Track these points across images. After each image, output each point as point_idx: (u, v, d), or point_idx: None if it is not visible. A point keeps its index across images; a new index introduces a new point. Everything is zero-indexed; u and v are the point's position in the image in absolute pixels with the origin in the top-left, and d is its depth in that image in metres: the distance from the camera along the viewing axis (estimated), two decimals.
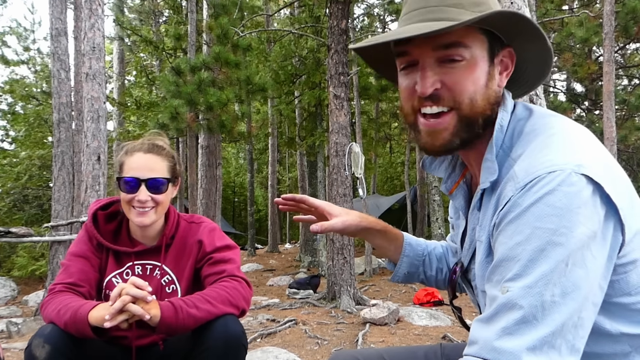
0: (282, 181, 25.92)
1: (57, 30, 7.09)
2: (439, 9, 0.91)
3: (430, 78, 0.92)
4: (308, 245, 13.46)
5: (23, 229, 6.41)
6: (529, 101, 3.54)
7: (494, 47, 0.95)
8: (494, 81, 0.96)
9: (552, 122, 0.94)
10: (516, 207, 0.83)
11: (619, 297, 0.87)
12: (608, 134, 7.96)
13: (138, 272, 1.77)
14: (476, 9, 0.91)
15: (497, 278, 0.84)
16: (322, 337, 4.74)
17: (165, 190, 1.74)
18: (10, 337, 5.10)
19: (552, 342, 0.77)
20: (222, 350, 1.55)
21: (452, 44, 0.91)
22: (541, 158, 0.85)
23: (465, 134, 0.95)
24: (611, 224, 0.82)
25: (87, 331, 1.51)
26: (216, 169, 9.95)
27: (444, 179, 1.14)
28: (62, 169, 6.97)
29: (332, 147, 6.69)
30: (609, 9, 8.18)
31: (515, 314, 0.79)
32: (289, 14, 14.85)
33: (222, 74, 8.17)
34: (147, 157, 1.72)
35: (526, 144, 0.91)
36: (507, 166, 0.92)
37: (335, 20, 6.66)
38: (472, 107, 0.93)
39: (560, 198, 0.79)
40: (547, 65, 1.02)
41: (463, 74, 0.92)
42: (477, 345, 0.82)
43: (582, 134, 0.92)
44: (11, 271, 9.43)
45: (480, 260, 0.97)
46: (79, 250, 1.78)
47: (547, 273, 0.78)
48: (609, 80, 8.06)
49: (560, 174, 0.81)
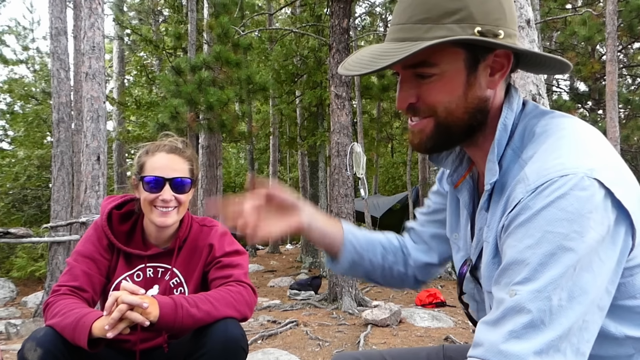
0: (283, 181, 25.89)
1: (57, 29, 7.07)
2: (407, 27, 0.91)
3: (404, 93, 0.95)
4: (309, 246, 13.42)
5: (22, 229, 6.36)
6: (532, 100, 3.49)
7: (477, 54, 0.92)
8: (477, 88, 0.94)
9: (563, 123, 0.92)
10: (527, 210, 0.82)
11: (625, 300, 0.86)
12: (611, 134, 7.93)
13: (149, 274, 1.77)
14: (447, 20, 0.88)
15: (506, 281, 0.83)
16: (324, 339, 4.72)
17: (188, 191, 1.74)
18: (9, 338, 5.07)
19: (558, 345, 0.77)
20: (221, 353, 1.54)
21: (417, 63, 0.92)
22: (553, 160, 0.84)
23: (442, 139, 0.97)
24: (622, 228, 0.81)
25: (83, 341, 1.48)
26: (217, 169, 9.93)
27: (450, 171, 1.13)
28: (61, 169, 6.93)
29: (333, 147, 6.67)
30: (612, 8, 8.14)
31: (523, 318, 0.78)
32: (290, 13, 14.83)
33: (223, 73, 8.16)
34: (170, 157, 1.72)
35: (538, 145, 0.90)
36: (517, 167, 0.91)
37: (336, 19, 6.63)
38: (448, 116, 0.94)
39: (572, 202, 0.79)
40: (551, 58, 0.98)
41: (435, 87, 0.93)
42: (482, 347, 0.82)
43: (593, 136, 0.90)
44: (10, 272, 9.39)
45: (487, 261, 0.96)
46: (86, 251, 1.75)
47: (556, 278, 0.78)
48: (612, 80, 8.02)
49: (572, 178, 0.80)
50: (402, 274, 1.31)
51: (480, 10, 0.89)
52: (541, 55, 0.96)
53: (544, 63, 1.00)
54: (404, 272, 1.31)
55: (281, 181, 24.30)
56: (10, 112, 15.16)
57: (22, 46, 16.54)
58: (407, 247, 1.32)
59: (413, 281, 1.32)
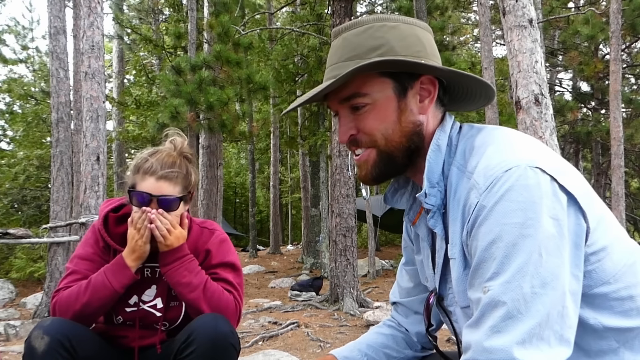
0: (284, 181, 25.83)
1: (56, 28, 7.03)
2: (337, 66, 1.01)
3: (344, 126, 1.03)
4: (310, 247, 13.41)
5: (21, 230, 6.33)
6: (535, 100, 3.49)
7: (403, 82, 1.00)
8: (409, 113, 1.01)
9: (500, 132, 1.00)
10: (482, 209, 0.87)
11: (599, 287, 0.89)
12: (615, 134, 7.88)
13: (147, 274, 1.77)
14: (373, 54, 0.98)
15: (478, 281, 0.86)
16: (325, 340, 4.71)
17: (177, 209, 1.71)
18: (8, 339, 5.02)
19: (540, 333, 0.79)
20: (211, 351, 1.54)
21: (350, 96, 1.01)
22: (495, 160, 0.89)
23: (386, 166, 1.04)
24: (572, 211, 0.86)
25: (128, 276, 1.65)
26: (217, 170, 9.90)
27: (406, 210, 1.18)
28: (60, 169, 6.89)
29: (334, 146, 6.74)
30: (616, 7, 8.09)
31: (499, 311, 0.81)
32: (291, 12, 14.79)
33: (223, 72, 8.15)
34: (159, 184, 1.68)
35: (479, 156, 0.95)
36: (465, 180, 0.95)
37: (337, 18, 6.63)
38: (387, 142, 1.01)
39: (521, 192, 0.83)
40: (474, 79, 1.04)
41: (370, 116, 1.01)
42: (470, 350, 0.85)
43: (529, 138, 0.99)
44: (9, 273, 9.37)
45: (457, 276, 0.98)
46: (85, 253, 1.76)
47: (522, 266, 0.81)
48: (616, 79, 7.98)
49: (516, 170, 0.85)
50: (411, 357, 1.32)
51: (400, 45, 0.99)
52: (463, 75, 1.02)
53: (469, 92, 1.08)
54: (412, 355, 1.32)
55: (282, 181, 24.27)
56: (9, 112, 15.11)
57: (22, 45, 16.47)
58: (402, 327, 1.34)
59: (421, 350, 1.33)
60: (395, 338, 1.32)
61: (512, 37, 3.56)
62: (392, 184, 1.18)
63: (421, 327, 1.28)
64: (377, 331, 1.36)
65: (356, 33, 1.01)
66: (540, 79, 3.51)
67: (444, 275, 1.07)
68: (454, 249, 0.97)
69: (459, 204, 0.95)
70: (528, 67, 3.49)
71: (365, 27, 1.01)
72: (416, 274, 1.27)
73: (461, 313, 1.02)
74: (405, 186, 1.17)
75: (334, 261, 6.55)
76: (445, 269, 1.05)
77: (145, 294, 1.74)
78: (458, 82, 1.06)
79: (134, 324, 1.71)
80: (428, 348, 1.34)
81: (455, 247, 0.97)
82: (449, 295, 1.07)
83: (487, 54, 8.20)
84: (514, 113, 3.78)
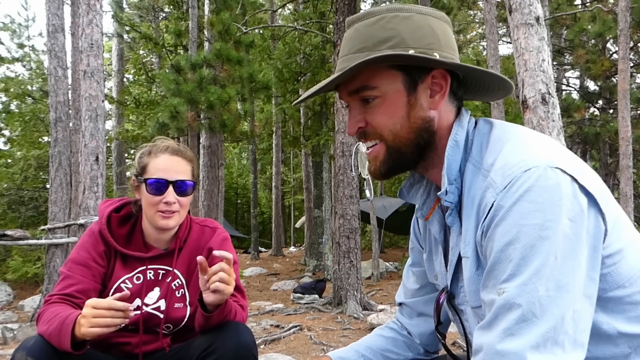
0: (286, 182, 25.76)
1: (54, 26, 7.01)
2: (348, 58, 1.00)
3: (353, 119, 1.03)
4: (313, 249, 13.36)
5: (19, 231, 6.28)
6: (542, 100, 3.46)
7: (414, 75, 0.99)
8: (419, 108, 1.00)
9: (515, 129, 0.99)
10: (499, 209, 0.85)
11: (613, 291, 0.88)
12: (623, 134, 7.80)
13: (150, 276, 1.76)
14: (383, 46, 0.97)
15: (493, 282, 0.85)
16: (328, 344, 4.69)
17: (191, 193, 1.76)
18: (5, 343, 4.99)
19: (555, 338, 0.78)
20: (233, 359, 1.55)
21: (359, 88, 1.00)
22: (514, 159, 0.88)
23: (395, 162, 1.03)
24: (592, 213, 0.84)
25: (66, 343, 1.43)
26: (218, 170, 9.83)
27: (419, 205, 1.17)
28: (59, 169, 6.88)
29: (338, 147, 6.71)
30: (624, 5, 7.99)
31: (514, 314, 0.80)
32: (293, 9, 14.71)
33: (224, 71, 8.13)
34: (174, 159, 1.73)
35: (495, 153, 0.94)
36: (481, 178, 0.94)
37: (341, 15, 6.63)
38: (395, 138, 1.01)
39: (540, 193, 0.82)
40: (488, 74, 1.04)
41: (379, 109, 1.00)
42: (481, 352, 0.83)
43: (543, 136, 0.98)
44: (6, 275, 9.32)
45: (469, 276, 0.97)
46: (80, 258, 1.72)
47: (539, 268, 0.79)
48: (624, 78, 7.90)
49: (535, 171, 0.84)
50: (412, 359, 1.33)
51: (412, 37, 0.97)
52: (478, 71, 1.01)
53: (485, 85, 1.07)
54: (412, 357, 1.33)
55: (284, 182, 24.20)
56: (6, 112, 15.05)
57: (18, 44, 16.41)
58: (405, 329, 1.35)
59: (424, 354, 1.34)
60: (396, 341, 1.33)
61: (518, 35, 3.52)
62: (408, 178, 1.18)
63: (425, 329, 1.30)
64: (378, 334, 1.36)
65: (368, 24, 1.00)
66: (547, 77, 3.47)
67: (456, 274, 1.06)
68: (467, 247, 0.97)
69: (474, 202, 0.94)
70: (535, 65, 3.46)
71: (378, 17, 0.99)
72: (423, 276, 1.27)
73: (472, 313, 1.01)
74: (421, 181, 1.16)
75: (337, 263, 6.55)
76: (458, 267, 1.04)
77: (149, 296, 1.73)
78: (473, 75, 1.04)
79: (137, 329, 1.68)
80: (432, 352, 1.35)
81: (468, 246, 0.96)
82: (461, 293, 1.06)
83: (493, 52, 8.12)
84: (520, 112, 3.71)
